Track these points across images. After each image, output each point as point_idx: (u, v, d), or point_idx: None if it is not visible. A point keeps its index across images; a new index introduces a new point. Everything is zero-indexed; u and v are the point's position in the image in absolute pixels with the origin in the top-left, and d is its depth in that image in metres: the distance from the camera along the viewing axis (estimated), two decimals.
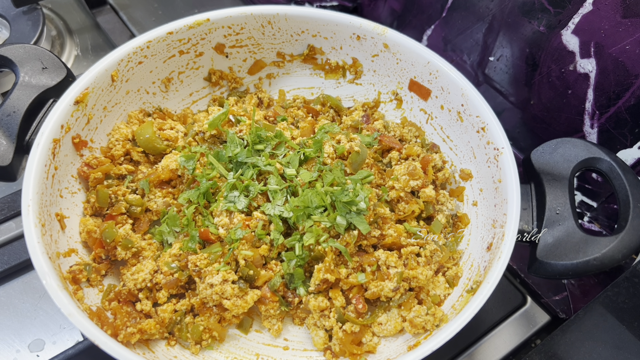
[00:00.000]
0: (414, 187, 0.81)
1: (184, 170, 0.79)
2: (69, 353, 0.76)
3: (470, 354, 0.83)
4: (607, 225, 0.94)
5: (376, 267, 0.75)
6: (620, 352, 0.66)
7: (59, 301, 0.62)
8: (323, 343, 0.73)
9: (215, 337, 0.72)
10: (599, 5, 0.78)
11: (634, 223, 0.72)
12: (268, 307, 0.73)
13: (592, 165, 0.78)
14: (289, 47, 0.97)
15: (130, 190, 0.80)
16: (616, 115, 0.83)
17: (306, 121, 0.90)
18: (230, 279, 0.70)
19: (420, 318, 0.72)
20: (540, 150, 0.80)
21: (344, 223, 0.74)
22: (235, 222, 0.74)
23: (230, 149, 0.80)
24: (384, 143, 0.88)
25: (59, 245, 0.72)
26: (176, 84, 0.93)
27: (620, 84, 0.80)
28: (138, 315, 0.71)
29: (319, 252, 0.73)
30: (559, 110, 0.91)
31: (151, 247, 0.76)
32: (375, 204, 0.77)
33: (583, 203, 0.95)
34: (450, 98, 0.88)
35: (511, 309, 0.88)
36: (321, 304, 0.72)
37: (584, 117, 0.87)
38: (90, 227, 0.75)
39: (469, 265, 0.78)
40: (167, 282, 0.71)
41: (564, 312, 0.87)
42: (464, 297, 0.74)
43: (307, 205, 0.74)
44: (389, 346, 0.74)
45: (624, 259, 0.71)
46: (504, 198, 0.75)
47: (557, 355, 0.68)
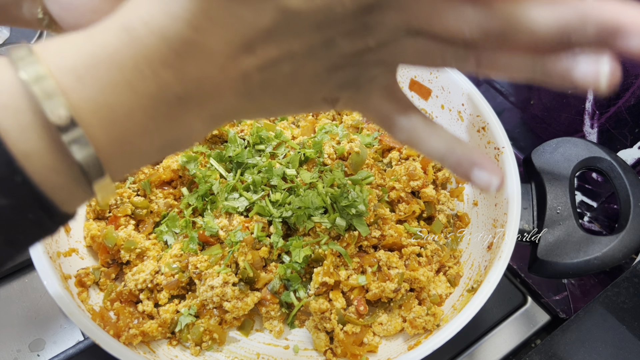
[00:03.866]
0: (414, 188, 0.81)
1: (185, 170, 0.79)
2: (70, 352, 0.76)
3: (471, 354, 0.83)
4: (607, 225, 0.94)
5: (377, 267, 0.75)
6: (620, 352, 0.67)
7: (60, 300, 0.62)
8: (324, 345, 0.73)
9: (215, 340, 0.72)
10: None
11: (634, 222, 0.72)
12: (268, 309, 0.73)
13: (593, 164, 0.78)
14: None
15: (132, 191, 0.80)
16: (616, 115, 0.83)
17: (307, 120, 0.90)
18: (231, 281, 0.70)
19: (421, 319, 0.72)
20: (541, 149, 0.80)
21: (344, 224, 0.74)
22: (234, 224, 0.73)
23: (231, 149, 0.80)
24: (384, 143, 0.88)
25: (60, 244, 0.72)
26: None
27: (620, 84, 0.80)
28: (140, 316, 0.71)
29: (318, 255, 0.73)
30: (559, 110, 0.91)
31: (156, 247, 0.76)
32: (375, 205, 0.77)
33: (583, 203, 0.95)
34: (451, 98, 0.88)
35: (511, 309, 0.88)
36: (322, 306, 0.72)
37: (584, 117, 0.88)
38: (94, 232, 0.75)
39: (470, 265, 0.78)
40: (168, 283, 0.71)
41: (564, 312, 0.87)
42: (464, 296, 0.74)
43: (307, 206, 0.74)
44: (390, 345, 0.74)
45: (624, 258, 0.71)
46: (505, 197, 0.76)
47: (557, 355, 0.68)
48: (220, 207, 0.75)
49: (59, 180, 0.30)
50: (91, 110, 0.30)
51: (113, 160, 0.32)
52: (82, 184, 0.31)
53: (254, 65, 0.33)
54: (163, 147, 0.35)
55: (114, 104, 0.30)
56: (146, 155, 0.34)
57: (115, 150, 0.31)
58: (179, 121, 0.33)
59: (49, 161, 0.29)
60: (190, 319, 0.71)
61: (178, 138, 0.35)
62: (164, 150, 0.35)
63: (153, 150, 0.34)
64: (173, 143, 0.35)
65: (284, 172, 0.78)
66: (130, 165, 0.34)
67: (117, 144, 0.31)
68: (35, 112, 0.28)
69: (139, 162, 0.35)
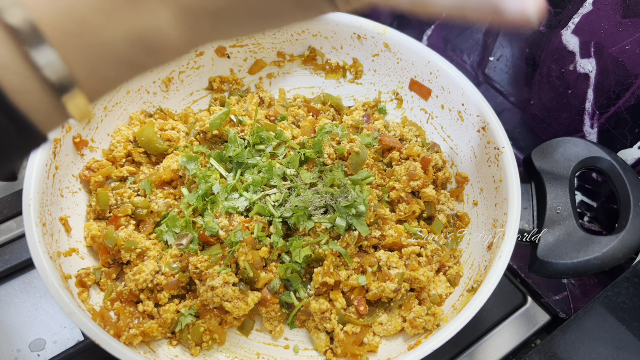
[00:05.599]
0: (415, 188, 0.81)
1: (185, 170, 0.79)
2: (70, 352, 0.76)
3: (471, 354, 0.83)
4: (607, 225, 0.94)
5: (377, 267, 0.75)
6: (620, 352, 0.67)
7: (60, 300, 0.62)
8: (325, 345, 0.73)
9: (215, 340, 0.72)
10: (599, 5, 0.78)
11: (634, 222, 0.72)
12: (269, 309, 0.73)
13: (593, 164, 0.78)
14: (289, 46, 0.97)
15: (132, 191, 0.80)
16: (616, 115, 0.83)
17: (307, 120, 0.90)
18: (231, 282, 0.70)
19: (421, 318, 0.72)
20: (541, 149, 0.80)
21: (344, 224, 0.74)
22: (234, 224, 0.73)
23: (231, 149, 0.80)
24: (384, 143, 0.88)
25: (60, 244, 0.72)
26: (177, 83, 0.93)
27: (620, 84, 0.80)
28: (141, 316, 0.71)
29: (318, 255, 0.73)
30: (559, 110, 0.91)
31: (156, 247, 0.76)
32: (375, 205, 0.77)
33: (583, 203, 0.95)
34: (451, 97, 0.88)
35: (511, 309, 0.88)
36: (322, 306, 0.72)
37: (584, 117, 0.88)
38: (94, 232, 0.75)
39: (470, 265, 0.78)
40: (168, 282, 0.71)
41: (564, 312, 0.87)
42: (464, 296, 0.74)
43: (307, 205, 0.74)
44: (390, 345, 0.74)
45: (624, 258, 0.71)
46: (505, 197, 0.76)
47: (557, 355, 0.68)
48: (220, 207, 0.75)
49: (4, 55, 0.28)
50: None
51: (68, 42, 0.29)
52: (38, 74, 0.29)
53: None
54: (129, 38, 0.31)
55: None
56: (111, 48, 0.31)
57: (67, 27, 0.29)
58: (139, 3, 0.30)
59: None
60: (190, 319, 0.71)
61: (144, 26, 0.31)
62: (132, 43, 0.31)
63: (117, 40, 0.31)
64: (141, 34, 0.31)
65: (284, 172, 0.78)
66: (95, 59, 0.30)
67: (68, 20, 0.28)
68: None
69: (106, 57, 0.31)
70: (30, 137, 0.30)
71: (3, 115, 0.28)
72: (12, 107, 0.28)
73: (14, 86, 0.28)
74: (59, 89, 0.29)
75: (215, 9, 0.32)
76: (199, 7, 0.32)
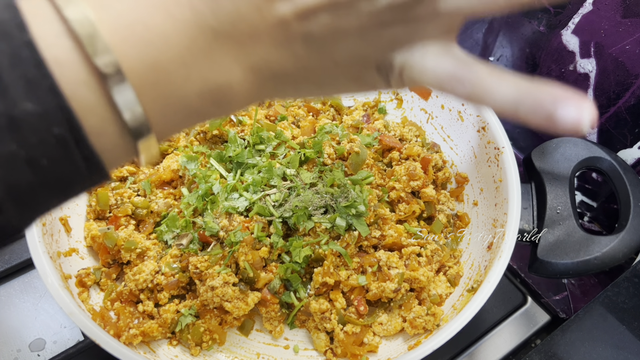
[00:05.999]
0: (415, 188, 0.81)
1: (185, 170, 0.79)
2: (70, 352, 0.76)
3: (471, 354, 0.83)
4: (607, 225, 0.94)
5: (377, 267, 0.75)
6: (620, 352, 0.66)
7: (60, 300, 0.62)
8: (325, 346, 0.73)
9: (215, 340, 0.72)
10: (599, 5, 0.78)
11: (634, 222, 0.72)
12: (269, 309, 0.73)
13: (593, 164, 0.78)
14: None
15: (132, 191, 0.80)
16: (616, 115, 0.83)
17: (307, 120, 0.90)
18: (231, 282, 0.70)
19: (421, 319, 0.72)
20: (541, 149, 0.80)
21: (344, 224, 0.74)
22: (234, 225, 0.73)
23: (231, 149, 0.80)
24: (384, 143, 0.88)
25: (60, 244, 0.72)
26: None
27: (620, 84, 0.80)
28: (141, 316, 0.71)
29: (318, 255, 0.73)
30: None
31: (156, 247, 0.76)
32: (375, 205, 0.77)
33: (583, 203, 0.95)
34: (451, 97, 0.88)
35: (511, 309, 0.88)
36: (322, 306, 0.72)
37: None
38: (94, 232, 0.75)
39: (470, 265, 0.78)
40: (168, 283, 0.71)
41: (564, 312, 0.87)
42: (464, 296, 0.74)
43: (307, 206, 0.74)
44: (390, 345, 0.74)
45: (624, 258, 0.71)
46: (505, 197, 0.76)
47: (557, 355, 0.68)
48: (220, 207, 0.75)
49: (88, 97, 0.29)
50: (125, 26, 0.29)
51: (148, 90, 0.31)
52: (118, 118, 0.30)
53: (291, 11, 0.32)
54: (202, 92, 0.33)
55: (149, 23, 0.30)
56: (186, 99, 0.33)
57: (149, 77, 0.30)
58: (216, 60, 0.32)
59: (78, 72, 0.29)
60: (190, 319, 0.71)
61: (218, 82, 0.33)
62: (204, 96, 0.33)
63: (192, 93, 0.33)
64: (213, 89, 0.33)
65: (284, 172, 0.78)
66: (170, 108, 0.32)
67: (151, 70, 0.30)
68: (60, 20, 0.28)
69: (179, 107, 0.33)
70: (97, 175, 0.31)
71: (80, 155, 0.29)
72: (91, 148, 0.29)
73: (94, 129, 0.29)
74: (135, 133, 0.31)
75: (281, 74, 0.35)
76: (268, 71, 0.34)
